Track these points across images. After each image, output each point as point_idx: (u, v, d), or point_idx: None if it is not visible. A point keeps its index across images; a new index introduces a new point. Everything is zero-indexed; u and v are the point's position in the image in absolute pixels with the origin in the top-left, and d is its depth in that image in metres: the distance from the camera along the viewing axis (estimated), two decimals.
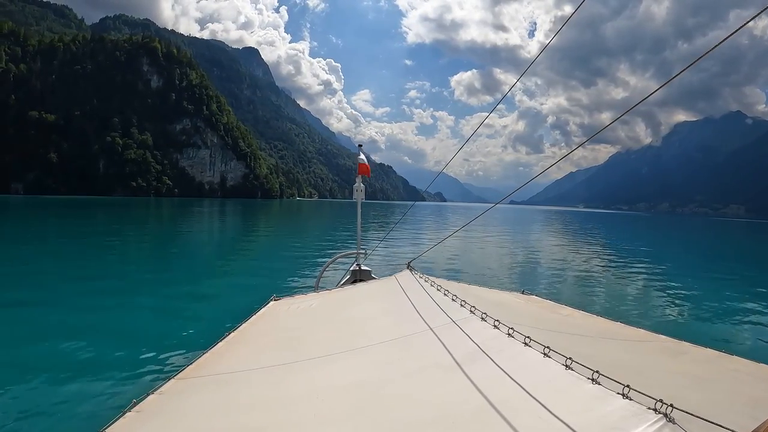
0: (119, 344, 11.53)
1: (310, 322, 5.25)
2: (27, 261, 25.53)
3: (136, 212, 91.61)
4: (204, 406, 3.16)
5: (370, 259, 12.43)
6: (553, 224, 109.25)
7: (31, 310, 14.70)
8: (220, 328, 4.97)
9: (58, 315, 14.25)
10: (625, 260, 37.14)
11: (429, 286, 5.21)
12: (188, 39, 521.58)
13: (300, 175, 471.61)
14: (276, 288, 11.42)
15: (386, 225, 67.18)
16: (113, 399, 8.37)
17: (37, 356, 10.65)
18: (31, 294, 17.15)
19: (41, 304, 15.67)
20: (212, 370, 3.74)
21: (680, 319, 17.15)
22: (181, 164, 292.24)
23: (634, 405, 2.03)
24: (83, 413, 7.95)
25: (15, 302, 15.69)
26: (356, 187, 11.70)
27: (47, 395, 8.60)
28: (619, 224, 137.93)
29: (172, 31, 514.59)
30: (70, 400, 8.43)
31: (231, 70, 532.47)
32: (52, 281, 20.14)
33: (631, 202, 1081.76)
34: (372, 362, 3.50)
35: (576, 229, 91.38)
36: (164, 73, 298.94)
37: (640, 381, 2.15)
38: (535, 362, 2.65)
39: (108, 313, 14.63)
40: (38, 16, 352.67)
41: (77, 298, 16.80)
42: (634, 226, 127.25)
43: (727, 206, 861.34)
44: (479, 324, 3.46)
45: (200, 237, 48.88)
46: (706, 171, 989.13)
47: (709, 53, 3.12)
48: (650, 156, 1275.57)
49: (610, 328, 4.71)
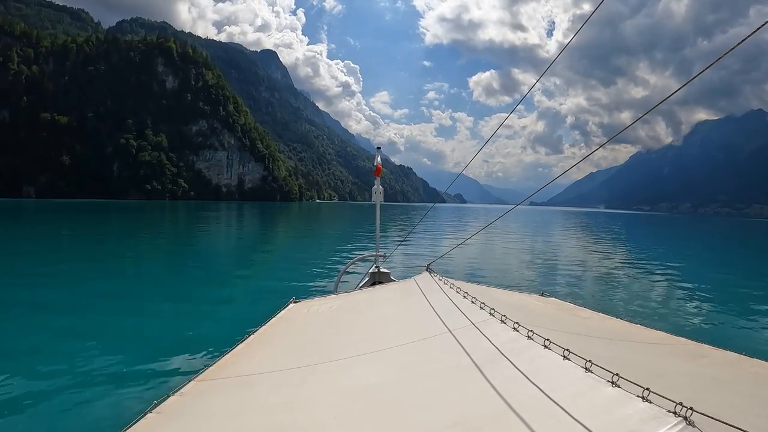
0: (139, 346, 11.60)
1: (329, 324, 5.27)
2: (44, 264, 25.34)
3: (151, 216, 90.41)
4: (225, 408, 3.14)
5: (389, 261, 11.99)
6: (573, 226, 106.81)
7: (51, 314, 14.70)
8: (240, 330, 5.07)
9: (78, 318, 14.30)
10: (644, 261, 36.81)
11: (448, 288, 5.14)
12: (206, 41, 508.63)
13: (319, 177, 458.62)
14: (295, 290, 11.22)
15: (405, 227, 67.12)
16: (134, 400, 8.38)
17: (58, 358, 10.53)
18: (50, 297, 17.14)
19: (61, 307, 15.77)
20: (233, 372, 3.75)
21: (699, 321, 16.86)
22: (197, 166, 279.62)
23: (654, 408, 2.01)
24: (104, 414, 7.98)
25: (35, 306, 15.62)
26: (375, 189, 11.53)
27: (68, 397, 8.62)
28: (639, 225, 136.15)
29: (189, 34, 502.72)
30: (90, 401, 8.49)
31: (249, 72, 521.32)
32: (70, 285, 20.13)
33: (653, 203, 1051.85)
34: (392, 365, 3.47)
35: (595, 230, 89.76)
36: (179, 74, 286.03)
37: (659, 384, 2.13)
38: (554, 365, 2.64)
39: (128, 316, 14.72)
40: (54, 19, 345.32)
41: (96, 301, 16.62)
42: (654, 227, 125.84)
43: (749, 206, 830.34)
44: (499, 326, 3.43)
45: (218, 240, 49.12)
46: (728, 170, 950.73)
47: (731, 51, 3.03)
48: (671, 155, 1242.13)
49: (629, 330, 4.67)
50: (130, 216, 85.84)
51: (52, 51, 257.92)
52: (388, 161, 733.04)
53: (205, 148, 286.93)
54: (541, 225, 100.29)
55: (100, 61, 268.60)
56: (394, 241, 37.85)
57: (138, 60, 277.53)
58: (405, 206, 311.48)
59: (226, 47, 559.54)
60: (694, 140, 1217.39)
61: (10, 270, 23.44)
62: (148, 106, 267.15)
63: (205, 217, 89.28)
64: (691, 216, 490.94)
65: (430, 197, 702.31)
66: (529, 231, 73.27)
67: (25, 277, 20.91)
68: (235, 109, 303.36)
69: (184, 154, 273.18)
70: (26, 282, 19.85)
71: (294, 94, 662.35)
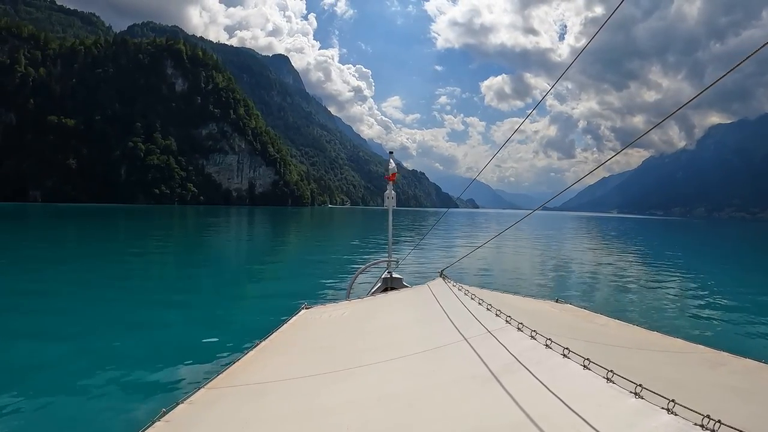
0: (148, 353, 11.42)
1: (342, 331, 5.20)
2: (50, 271, 24.84)
3: (159, 220, 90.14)
4: (235, 417, 3.08)
5: (402, 267, 11.90)
6: (585, 231, 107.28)
7: (58, 321, 14.39)
8: (251, 337, 5.01)
9: (85, 325, 14.02)
10: (658, 267, 35.60)
11: (463, 294, 5.05)
12: (217, 46, 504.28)
13: (332, 182, 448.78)
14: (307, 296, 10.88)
15: (419, 232, 66.86)
16: (142, 408, 8.25)
17: (65, 366, 10.43)
18: (57, 304, 16.80)
19: (68, 314, 15.43)
20: (243, 380, 3.68)
21: (717, 328, 16.45)
22: (207, 170, 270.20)
23: (680, 420, 1.93)
24: (112, 423, 7.89)
25: (42, 313, 15.34)
26: (387, 194, 11.47)
27: (76, 405, 8.51)
28: (652, 230, 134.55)
29: (200, 38, 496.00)
30: (99, 409, 8.38)
31: (261, 76, 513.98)
32: (76, 292, 19.51)
33: (666, 207, 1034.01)
34: (406, 373, 3.41)
35: (608, 235, 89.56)
36: (189, 76, 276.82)
37: (682, 394, 2.07)
38: (574, 374, 2.57)
39: (136, 322, 14.39)
40: (65, 23, 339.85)
41: (105, 307, 16.38)
42: (668, 232, 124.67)
43: (765, 210, 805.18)
44: (516, 334, 3.37)
45: (229, 245, 48.70)
46: (742, 174, 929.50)
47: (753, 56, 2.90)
48: (685, 159, 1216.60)
49: (647, 339, 4.56)
50: (138, 220, 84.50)
51: (60, 53, 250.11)
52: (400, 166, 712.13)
53: (215, 152, 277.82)
54: (553, 230, 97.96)
55: (108, 63, 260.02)
56: (406, 247, 36.95)
57: (147, 62, 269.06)
58: (419, 211, 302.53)
59: (238, 51, 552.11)
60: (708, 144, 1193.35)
61: (16, 276, 22.91)
62: (157, 109, 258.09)
63: (216, 222, 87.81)
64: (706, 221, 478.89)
65: (442, 202, 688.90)
66: (541, 236, 71.36)
67: (32, 284, 20.52)
68: (245, 112, 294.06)
69: (193, 158, 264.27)
70: (33, 289, 19.45)
71: (306, 98, 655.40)
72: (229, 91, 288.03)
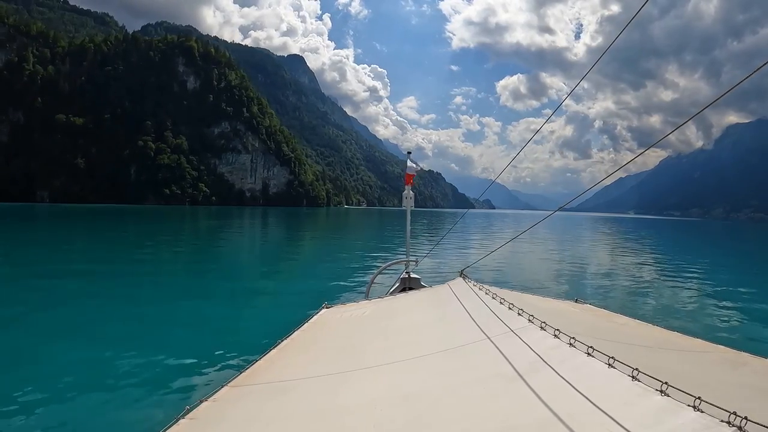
0: (171, 352, 11.30)
1: (363, 330, 5.18)
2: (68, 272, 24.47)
3: (171, 221, 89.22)
4: (258, 415, 3.08)
5: (420, 267, 11.95)
6: (602, 231, 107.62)
7: (81, 321, 14.34)
8: (272, 336, 5.02)
9: (108, 324, 13.98)
10: (676, 268, 36.12)
11: (484, 294, 5.02)
12: (232, 45, 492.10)
13: (348, 182, 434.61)
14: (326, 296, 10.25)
15: (436, 233, 66.19)
16: (166, 406, 8.24)
17: (89, 364, 10.40)
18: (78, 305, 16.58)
19: (89, 314, 15.27)
20: (266, 378, 3.67)
21: (736, 329, 16.21)
22: (219, 170, 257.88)
23: (706, 418, 1.89)
24: (136, 420, 7.90)
25: (64, 314, 15.17)
26: (405, 194, 11.54)
27: (100, 402, 8.56)
28: (670, 231, 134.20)
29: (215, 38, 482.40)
30: (123, 407, 8.39)
31: (276, 76, 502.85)
32: (96, 292, 19.32)
33: (684, 208, 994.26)
34: (430, 372, 3.38)
35: (625, 236, 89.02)
36: (201, 74, 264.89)
37: (706, 393, 2.03)
38: (599, 373, 2.54)
39: (158, 322, 14.46)
40: (77, 23, 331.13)
41: (129, 308, 16.24)
42: (686, 233, 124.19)
43: None
44: (539, 333, 3.34)
45: (246, 245, 48.82)
46: (761, 174, 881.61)
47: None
48: (702, 160, 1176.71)
49: (668, 338, 4.53)
50: (149, 221, 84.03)
51: (69, 51, 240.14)
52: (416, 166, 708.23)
53: (228, 151, 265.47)
54: (569, 231, 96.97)
55: (118, 61, 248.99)
56: (424, 247, 36.51)
57: (158, 60, 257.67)
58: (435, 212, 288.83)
59: (253, 51, 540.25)
60: (726, 144, 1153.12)
61: (36, 277, 22.37)
62: (167, 108, 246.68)
63: (230, 223, 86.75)
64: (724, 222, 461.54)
65: (459, 203, 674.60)
66: (558, 237, 70.71)
67: (52, 285, 20.16)
68: (259, 110, 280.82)
69: (205, 158, 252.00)
70: (54, 290, 19.08)
71: (321, 98, 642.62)
72: (242, 89, 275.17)
